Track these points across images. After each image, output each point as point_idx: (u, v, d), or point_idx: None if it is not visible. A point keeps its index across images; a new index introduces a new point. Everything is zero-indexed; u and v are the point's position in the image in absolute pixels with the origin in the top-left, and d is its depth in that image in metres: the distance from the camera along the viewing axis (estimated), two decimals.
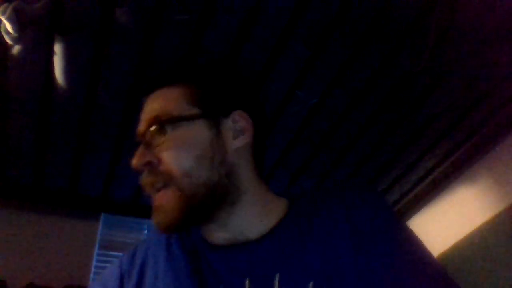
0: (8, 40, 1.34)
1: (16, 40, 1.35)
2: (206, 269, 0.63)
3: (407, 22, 1.44)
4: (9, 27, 1.29)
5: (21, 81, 1.53)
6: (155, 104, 0.65)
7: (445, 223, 2.11)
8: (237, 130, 0.65)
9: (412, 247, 0.61)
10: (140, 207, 2.20)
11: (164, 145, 0.61)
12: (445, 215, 2.14)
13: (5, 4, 1.26)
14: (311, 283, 0.57)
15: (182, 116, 0.63)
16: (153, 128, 0.62)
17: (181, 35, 1.42)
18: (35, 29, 1.35)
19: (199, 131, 0.63)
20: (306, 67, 1.56)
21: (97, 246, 2.15)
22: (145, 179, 0.63)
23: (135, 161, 0.62)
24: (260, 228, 0.64)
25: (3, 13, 1.25)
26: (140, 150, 0.63)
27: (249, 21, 1.40)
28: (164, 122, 0.62)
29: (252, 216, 0.64)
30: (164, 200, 0.61)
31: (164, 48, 1.45)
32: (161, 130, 0.62)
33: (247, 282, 0.59)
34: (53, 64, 1.46)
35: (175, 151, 0.61)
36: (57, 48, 1.42)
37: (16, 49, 1.41)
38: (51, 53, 1.43)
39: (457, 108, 1.77)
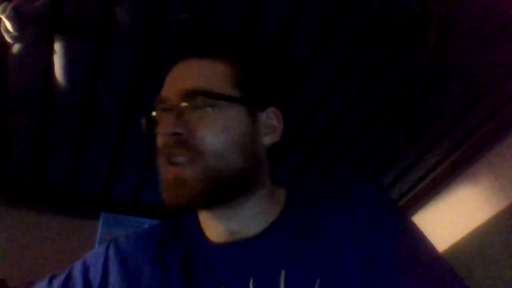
0: (8, 39, 1.34)
1: (16, 39, 1.35)
2: (202, 269, 0.60)
3: (407, 22, 1.43)
4: (9, 25, 1.29)
5: (21, 80, 1.52)
6: (196, 75, 0.61)
7: (445, 222, 2.10)
8: (268, 127, 0.63)
9: (415, 240, 0.59)
10: (140, 206, 2.20)
11: (201, 120, 0.58)
12: (445, 214, 2.14)
13: (5, 3, 1.26)
14: (318, 281, 0.55)
15: (225, 95, 0.60)
16: (191, 100, 0.59)
17: (182, 35, 1.42)
18: (35, 28, 1.35)
19: (238, 116, 0.60)
20: (307, 66, 1.56)
21: (97, 245, 2.15)
22: (170, 148, 0.59)
23: (163, 128, 0.58)
24: (261, 222, 0.62)
25: (3, 12, 1.25)
26: (169, 118, 0.59)
27: (250, 20, 1.40)
28: (205, 97, 0.59)
29: (259, 210, 0.62)
30: (187, 174, 0.57)
31: (165, 48, 1.45)
32: (200, 104, 0.58)
33: (251, 283, 0.57)
34: (53, 63, 1.46)
35: (213, 129, 0.58)
36: (57, 47, 1.41)
37: (16, 48, 1.40)
38: (51, 52, 1.42)
39: (457, 108, 1.77)
